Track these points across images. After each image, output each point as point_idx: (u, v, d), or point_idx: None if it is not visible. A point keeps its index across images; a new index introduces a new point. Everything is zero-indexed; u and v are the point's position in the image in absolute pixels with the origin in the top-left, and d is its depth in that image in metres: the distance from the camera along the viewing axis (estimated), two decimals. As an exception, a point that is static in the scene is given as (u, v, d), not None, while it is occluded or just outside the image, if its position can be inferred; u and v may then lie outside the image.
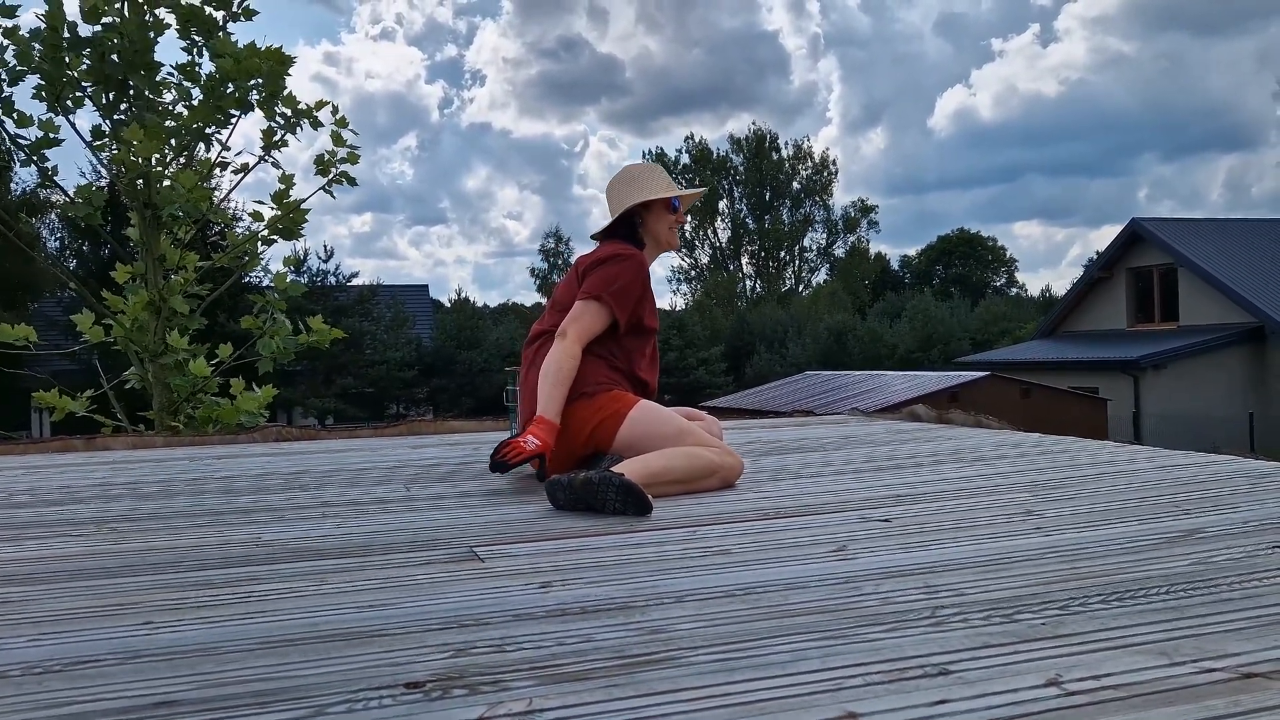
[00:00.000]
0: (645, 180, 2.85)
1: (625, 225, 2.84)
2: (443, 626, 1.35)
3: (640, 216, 2.83)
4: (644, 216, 2.83)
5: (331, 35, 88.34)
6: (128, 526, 2.21)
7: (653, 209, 2.83)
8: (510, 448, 2.45)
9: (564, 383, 2.57)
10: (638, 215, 2.83)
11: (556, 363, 2.58)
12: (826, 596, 1.45)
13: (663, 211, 2.83)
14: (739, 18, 73.33)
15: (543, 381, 2.57)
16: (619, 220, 2.83)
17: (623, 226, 2.83)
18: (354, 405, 25.34)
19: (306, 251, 25.90)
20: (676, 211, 2.85)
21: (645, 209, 2.83)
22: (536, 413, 2.54)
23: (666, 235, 2.85)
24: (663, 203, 2.82)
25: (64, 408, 5.51)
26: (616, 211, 2.84)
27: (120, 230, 5.98)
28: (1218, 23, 74.86)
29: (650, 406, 2.63)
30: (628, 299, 2.69)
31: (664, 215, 2.84)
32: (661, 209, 2.83)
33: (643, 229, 2.83)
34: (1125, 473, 2.58)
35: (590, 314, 2.65)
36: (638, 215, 2.83)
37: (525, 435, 2.48)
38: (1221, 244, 20.78)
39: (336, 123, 5.78)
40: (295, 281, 6.05)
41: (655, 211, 2.83)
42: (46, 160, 5.55)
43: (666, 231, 2.85)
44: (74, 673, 1.19)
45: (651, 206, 2.82)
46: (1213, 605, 1.34)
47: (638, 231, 2.83)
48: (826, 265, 51.53)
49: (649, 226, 2.84)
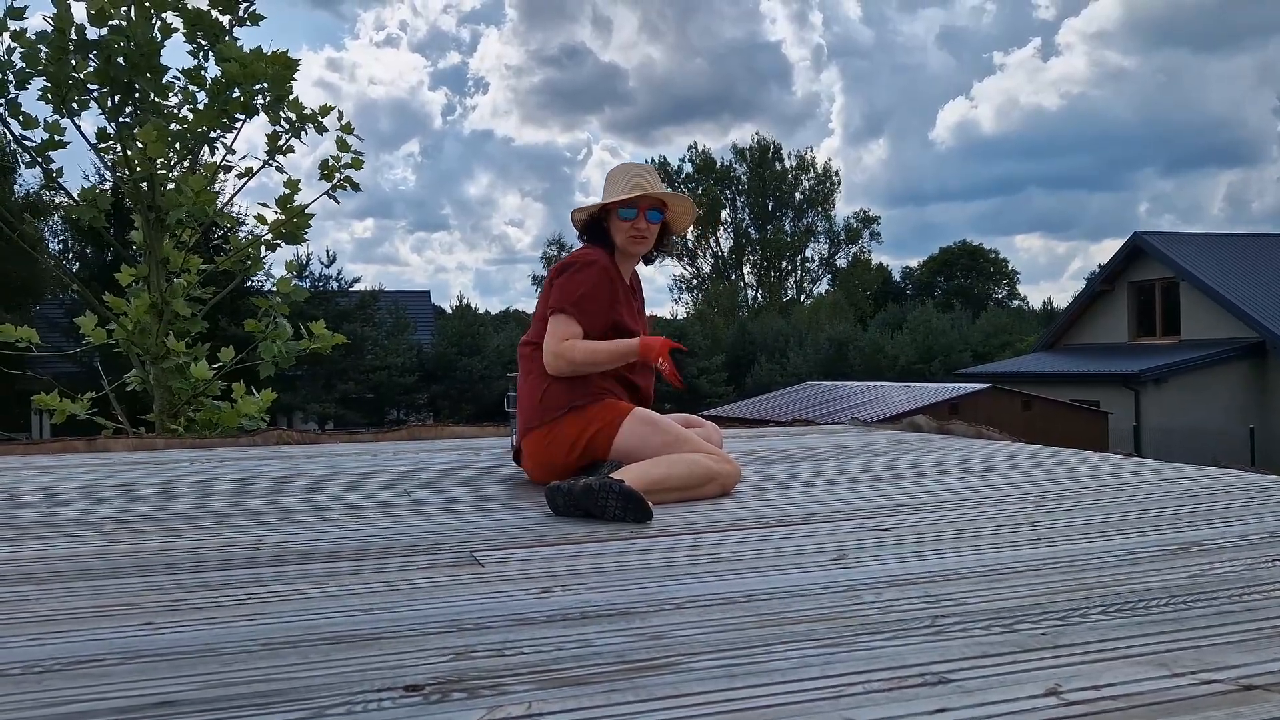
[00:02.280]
0: (607, 186, 2.80)
1: (597, 230, 2.81)
2: (443, 630, 1.35)
3: (605, 221, 2.79)
4: (607, 223, 2.79)
5: (335, 41, 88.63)
6: (129, 527, 2.21)
7: (610, 214, 2.76)
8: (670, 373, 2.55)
9: (597, 349, 2.62)
10: (603, 220, 2.79)
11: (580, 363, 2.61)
12: (827, 604, 1.45)
13: (616, 219, 2.76)
14: (742, 27, 73.66)
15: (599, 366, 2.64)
16: (590, 227, 2.81)
17: (595, 231, 2.81)
18: (354, 410, 25.34)
19: (309, 256, 25.95)
20: (630, 219, 2.73)
21: (606, 214, 2.78)
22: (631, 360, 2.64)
23: (623, 242, 2.76)
24: (615, 209, 2.75)
25: (65, 410, 5.51)
26: (580, 220, 2.83)
27: (123, 233, 5.99)
28: (1216, 39, 75.17)
29: (646, 414, 2.63)
30: (593, 305, 2.65)
31: (617, 223, 2.76)
32: (615, 216, 2.75)
33: (610, 233, 2.79)
34: (1126, 485, 2.58)
35: (561, 326, 2.63)
36: (603, 220, 2.79)
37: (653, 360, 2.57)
38: (1223, 258, 20.79)
39: (342, 128, 5.80)
40: (298, 286, 6.06)
41: (612, 219, 2.77)
42: (51, 162, 5.56)
43: (623, 238, 2.76)
44: (74, 672, 1.19)
45: (610, 212, 2.76)
46: (1213, 617, 1.34)
47: (609, 236, 2.79)
48: (828, 276, 51.65)
49: (612, 232, 2.78)
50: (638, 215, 2.74)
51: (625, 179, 2.77)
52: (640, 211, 2.74)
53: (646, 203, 2.75)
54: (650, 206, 2.76)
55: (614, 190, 2.76)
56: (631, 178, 2.77)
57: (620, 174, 2.80)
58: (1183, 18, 73.01)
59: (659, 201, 2.78)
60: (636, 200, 2.73)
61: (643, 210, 2.75)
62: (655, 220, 2.78)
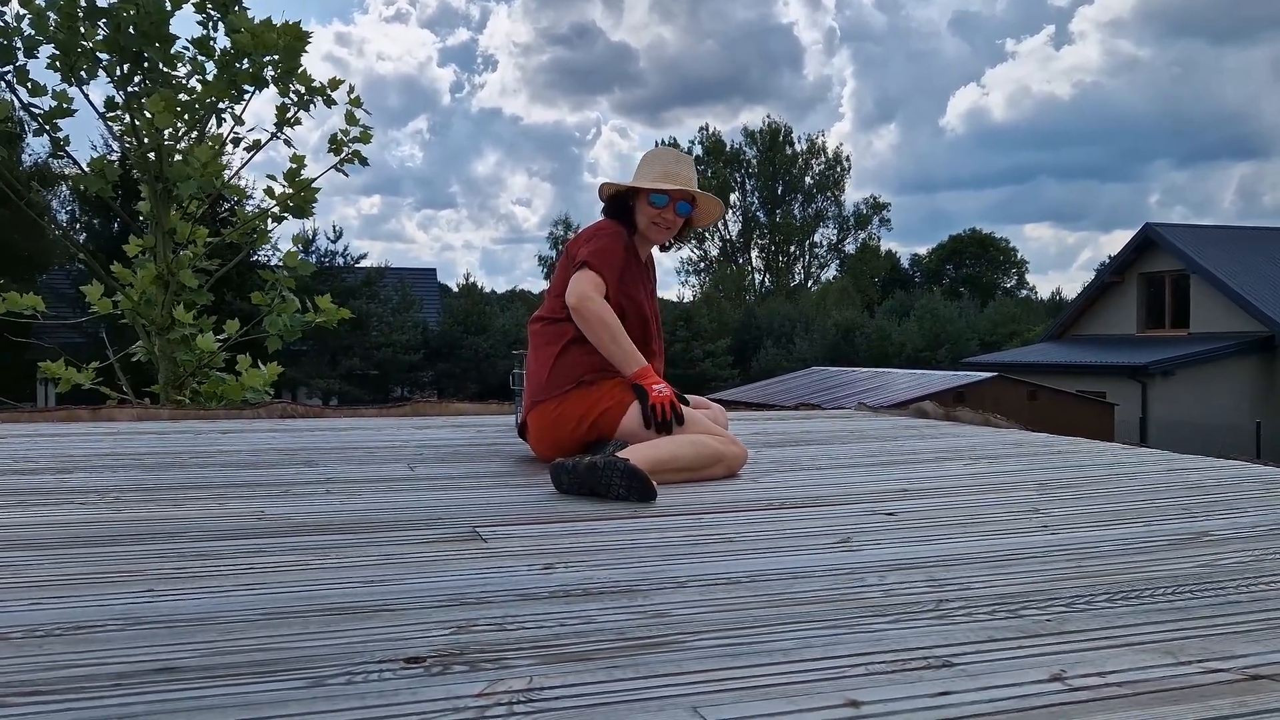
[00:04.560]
0: (643, 166, 2.82)
1: (620, 207, 2.81)
2: (444, 604, 1.34)
3: (632, 201, 2.80)
4: (633, 202, 2.80)
5: (344, 16, 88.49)
6: (131, 496, 2.21)
7: (640, 197, 2.77)
8: (660, 406, 2.51)
9: (618, 330, 2.58)
10: (630, 199, 2.80)
11: (599, 320, 2.57)
12: (830, 586, 1.44)
13: (644, 203, 2.76)
14: (754, 9, 73.25)
15: (606, 345, 2.58)
16: (614, 203, 2.82)
17: (618, 208, 2.82)
18: (359, 387, 25.36)
19: (315, 231, 25.90)
20: (659, 206, 2.75)
21: (635, 194, 2.79)
22: (628, 373, 2.59)
23: (646, 226, 2.78)
24: (646, 194, 2.75)
25: (69, 379, 5.52)
26: (607, 193, 2.84)
27: (130, 204, 5.98)
28: (1232, 31, 74.52)
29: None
30: (610, 259, 2.66)
31: (645, 207, 2.77)
32: (644, 200, 2.76)
33: (635, 214, 2.79)
34: (1133, 474, 2.57)
35: (591, 278, 2.63)
36: (630, 199, 2.80)
37: (650, 388, 2.54)
38: (1235, 252, 20.68)
39: (351, 102, 5.77)
40: (304, 260, 6.05)
41: (640, 201, 2.77)
42: (59, 130, 5.54)
43: (646, 223, 2.77)
44: (74, 636, 1.19)
45: (639, 194, 2.77)
46: (1220, 607, 1.33)
47: (633, 216, 2.80)
48: (836, 261, 51.50)
49: (636, 214, 2.79)
50: (668, 205, 2.75)
51: (663, 166, 2.79)
52: (672, 202, 2.76)
53: (679, 195, 2.76)
54: (681, 199, 2.77)
55: (650, 174, 2.78)
56: (670, 167, 2.79)
57: (658, 159, 2.83)
58: (1198, 8, 72.55)
59: (690, 195, 2.79)
60: (671, 191, 2.74)
61: (674, 202, 2.76)
62: (684, 213, 2.80)
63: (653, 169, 2.79)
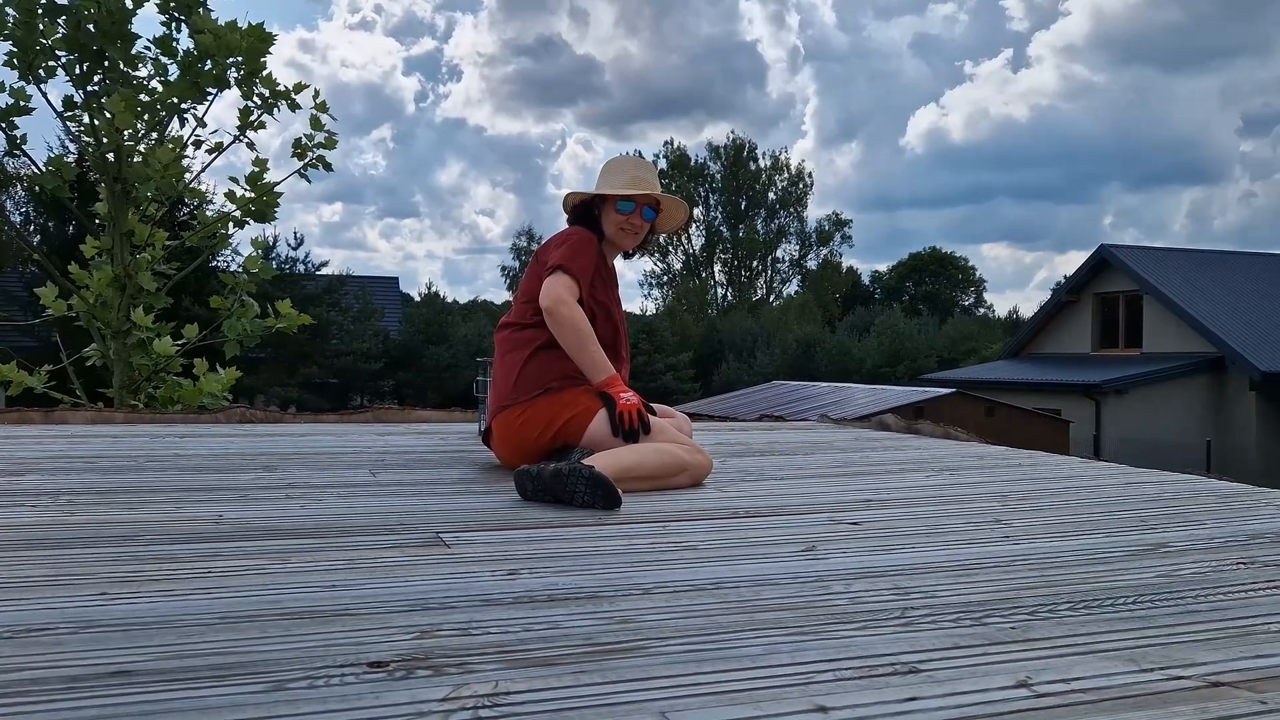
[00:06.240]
0: (606, 174, 2.84)
1: (586, 216, 2.83)
2: (407, 609, 1.32)
3: (598, 210, 2.82)
4: (599, 210, 2.81)
5: (308, 22, 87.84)
6: (85, 499, 2.16)
7: (606, 205, 2.80)
8: (627, 414, 2.50)
9: (590, 337, 2.59)
10: (596, 207, 2.82)
11: (572, 324, 2.57)
12: (796, 593, 1.44)
13: (611, 209, 2.79)
14: (718, 26, 73.64)
15: (575, 351, 2.58)
16: (579, 212, 2.83)
17: (584, 217, 2.83)
18: (318, 395, 25.05)
19: (275, 238, 25.63)
20: (626, 213, 2.77)
21: (601, 202, 2.81)
22: (595, 380, 2.59)
23: (614, 233, 2.80)
24: (613, 200, 2.78)
25: (21, 382, 5.40)
26: (573, 203, 2.85)
27: (88, 205, 5.88)
28: (1183, 60, 76.24)
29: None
30: (584, 263, 2.67)
31: (612, 214, 2.79)
32: (611, 206, 2.79)
33: (602, 222, 2.81)
34: (1091, 487, 2.60)
35: (566, 280, 2.64)
36: (596, 207, 2.82)
37: (617, 396, 2.54)
38: (1187, 273, 21.11)
39: (316, 107, 5.72)
40: (265, 264, 5.97)
41: (607, 208, 2.80)
42: (15, 128, 5.44)
43: (614, 230, 2.79)
44: (25, 639, 1.15)
45: (606, 201, 2.79)
46: (1180, 616, 1.34)
47: (599, 224, 2.81)
48: (798, 277, 51.86)
49: (603, 221, 2.81)
50: (635, 211, 2.78)
51: (627, 173, 2.81)
52: (638, 208, 2.78)
53: (644, 200, 2.79)
54: (647, 204, 2.79)
55: (615, 182, 2.80)
56: (634, 174, 2.82)
57: (621, 167, 2.84)
58: (1150, 38, 74.02)
59: (655, 200, 2.81)
60: (636, 197, 2.76)
61: (640, 207, 2.78)
62: (650, 219, 2.82)
63: (617, 176, 2.81)
